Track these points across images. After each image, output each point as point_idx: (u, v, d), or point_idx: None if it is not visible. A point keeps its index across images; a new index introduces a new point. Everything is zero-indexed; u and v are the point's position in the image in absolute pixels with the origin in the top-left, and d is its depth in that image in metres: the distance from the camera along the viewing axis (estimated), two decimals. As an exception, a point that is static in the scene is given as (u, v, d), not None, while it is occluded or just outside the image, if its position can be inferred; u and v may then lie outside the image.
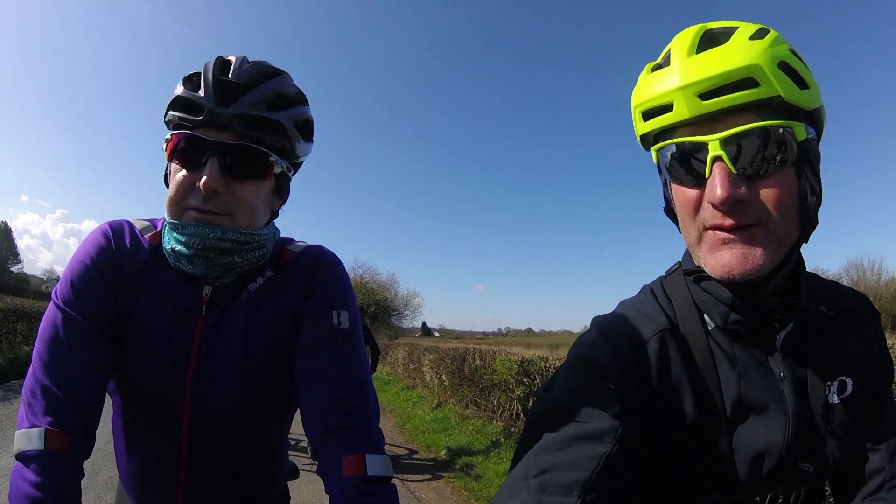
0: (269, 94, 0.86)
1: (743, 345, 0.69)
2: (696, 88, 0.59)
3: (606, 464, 0.56)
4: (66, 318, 0.81)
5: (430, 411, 8.58)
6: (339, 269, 0.98)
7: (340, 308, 0.92)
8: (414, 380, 12.34)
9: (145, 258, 0.88)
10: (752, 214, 0.60)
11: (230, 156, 0.82)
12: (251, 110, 0.83)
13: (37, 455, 0.71)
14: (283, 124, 0.87)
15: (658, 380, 0.67)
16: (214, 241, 0.83)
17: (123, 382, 0.89)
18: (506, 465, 5.13)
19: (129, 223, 0.93)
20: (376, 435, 0.84)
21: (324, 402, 0.83)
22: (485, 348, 11.85)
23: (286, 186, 0.97)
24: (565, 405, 0.63)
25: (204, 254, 0.83)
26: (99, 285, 0.84)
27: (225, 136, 0.82)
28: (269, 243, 0.93)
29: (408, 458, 5.99)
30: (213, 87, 0.82)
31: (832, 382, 0.69)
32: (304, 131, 0.94)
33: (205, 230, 0.82)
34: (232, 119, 0.81)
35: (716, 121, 0.61)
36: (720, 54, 0.60)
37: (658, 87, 0.63)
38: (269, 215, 0.94)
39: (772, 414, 0.67)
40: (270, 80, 0.88)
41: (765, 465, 0.66)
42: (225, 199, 0.83)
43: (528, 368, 6.94)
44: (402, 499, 4.16)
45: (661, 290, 0.77)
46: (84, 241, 0.90)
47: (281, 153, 0.89)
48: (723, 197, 0.58)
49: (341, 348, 0.88)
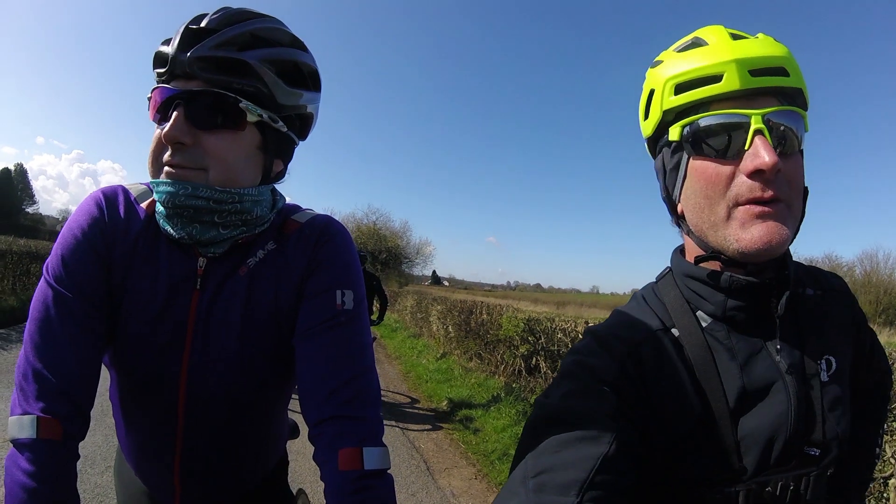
0: (238, 35, 0.78)
1: (741, 333, 0.71)
2: (749, 64, 0.64)
3: (604, 464, 0.57)
4: (57, 295, 0.77)
5: (435, 361, 8.73)
6: (345, 244, 0.90)
7: (344, 287, 0.86)
8: (420, 329, 12.54)
9: (140, 228, 0.83)
10: (783, 189, 0.64)
11: (194, 104, 0.76)
12: (212, 52, 0.75)
13: (30, 444, 0.70)
14: (251, 64, 0.77)
15: (655, 380, 0.69)
16: (185, 198, 0.76)
17: (118, 358, 0.85)
18: (505, 420, 5.21)
19: (125, 189, 0.86)
20: (376, 425, 0.80)
21: (322, 388, 0.79)
22: (492, 302, 11.91)
23: (281, 142, 0.86)
24: (562, 409, 0.65)
25: (178, 212, 0.78)
26: (91, 260, 0.80)
27: (191, 85, 0.76)
28: (259, 208, 0.84)
29: (409, 407, 6.11)
30: (180, 37, 0.76)
31: (822, 361, 0.72)
32: (292, 76, 0.83)
33: (174, 186, 0.76)
34: (193, 63, 0.75)
35: (749, 100, 0.65)
36: (759, 43, 0.66)
37: (705, 60, 0.66)
38: (258, 174, 0.84)
39: (774, 398, 0.68)
40: (245, 22, 0.79)
41: (773, 450, 0.67)
42: (194, 153, 0.77)
43: (533, 327, 6.92)
44: (402, 448, 4.25)
45: (653, 294, 0.79)
46: (76, 210, 0.84)
47: (256, 99, 0.79)
48: (774, 160, 0.61)
49: (343, 331, 0.83)
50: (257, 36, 0.80)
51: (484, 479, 4.04)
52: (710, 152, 0.67)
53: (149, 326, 0.81)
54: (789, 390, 0.68)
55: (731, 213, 0.66)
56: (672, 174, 0.74)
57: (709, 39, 0.68)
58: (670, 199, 0.76)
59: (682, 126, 0.69)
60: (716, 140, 0.66)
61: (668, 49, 0.74)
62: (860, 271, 34.13)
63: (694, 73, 0.66)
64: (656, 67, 0.73)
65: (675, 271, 0.78)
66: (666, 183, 0.76)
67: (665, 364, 0.70)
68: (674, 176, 0.73)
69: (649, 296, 0.79)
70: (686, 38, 0.72)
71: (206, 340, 0.82)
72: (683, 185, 0.72)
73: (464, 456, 4.51)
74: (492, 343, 7.70)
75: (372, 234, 38.34)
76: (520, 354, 6.76)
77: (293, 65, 0.83)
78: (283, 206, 0.92)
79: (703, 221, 0.69)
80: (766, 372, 0.69)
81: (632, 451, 0.61)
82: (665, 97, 0.70)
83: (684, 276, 0.75)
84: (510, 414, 5.35)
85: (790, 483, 0.68)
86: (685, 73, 0.67)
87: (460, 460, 4.39)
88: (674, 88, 0.69)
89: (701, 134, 0.67)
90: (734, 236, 0.65)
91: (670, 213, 0.78)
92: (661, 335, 0.72)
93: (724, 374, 0.69)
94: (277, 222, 0.89)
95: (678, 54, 0.71)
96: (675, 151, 0.72)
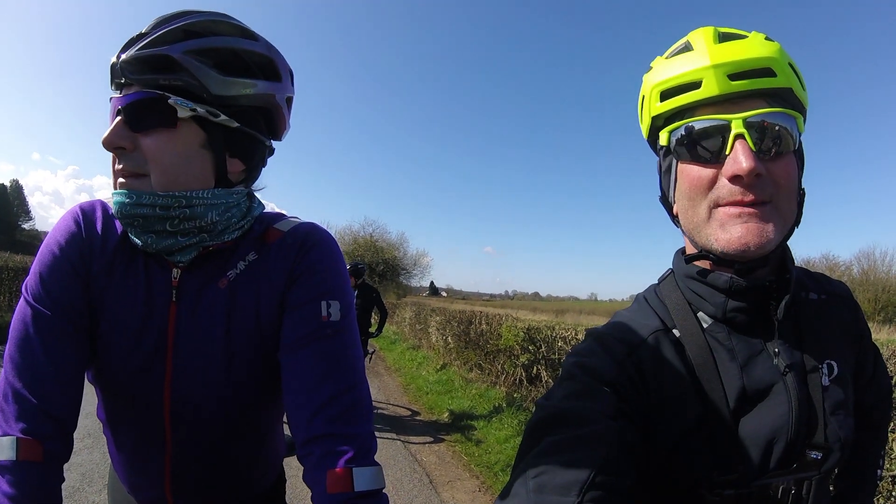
0: (167, 32, 0.75)
1: (741, 334, 0.71)
2: (727, 69, 0.64)
3: (605, 464, 0.57)
4: (36, 314, 0.75)
5: (435, 373, 8.67)
6: (330, 252, 0.86)
7: (330, 298, 0.81)
8: (420, 340, 12.47)
9: (117, 242, 0.81)
10: (766, 191, 0.64)
11: (130, 108, 0.74)
12: (138, 52, 0.74)
13: (10, 466, 0.68)
14: (174, 58, 0.74)
15: (655, 379, 0.69)
16: (130, 207, 0.74)
17: (101, 376, 0.83)
18: (507, 431, 5.16)
19: (103, 204, 0.84)
20: (367, 441, 0.76)
21: (309, 405, 0.75)
22: (491, 312, 11.86)
23: (234, 139, 0.80)
24: (563, 410, 0.65)
25: (129, 222, 0.77)
26: (69, 278, 0.77)
27: (126, 91, 0.76)
28: (216, 212, 0.79)
29: (410, 420, 6.06)
30: (122, 46, 0.76)
31: (823, 365, 0.72)
32: (230, 65, 0.78)
33: (120, 196, 0.75)
34: (124, 68, 0.74)
35: (733, 103, 0.65)
36: (744, 45, 0.66)
37: (685, 67, 0.67)
38: (208, 176, 0.79)
39: (775, 400, 0.68)
40: (177, 19, 0.77)
41: (774, 453, 0.67)
42: (136, 157, 0.76)
43: (534, 336, 6.89)
44: (403, 462, 4.21)
45: (654, 296, 0.79)
46: (55, 227, 0.82)
47: (186, 93, 0.75)
48: (750, 167, 0.62)
49: (330, 344, 0.79)
50: (189, 31, 0.77)
51: (487, 491, 3.99)
52: (695, 157, 0.68)
53: (129, 341, 0.79)
54: (790, 392, 0.68)
55: (712, 214, 0.67)
56: (666, 176, 0.75)
57: (695, 44, 0.69)
58: (667, 201, 0.77)
59: (669, 132, 0.70)
60: (700, 145, 0.67)
61: (658, 57, 0.75)
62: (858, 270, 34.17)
63: (675, 81, 0.68)
64: (648, 73, 0.75)
65: (677, 273, 0.78)
66: (662, 185, 0.77)
67: (665, 364, 0.70)
68: (667, 178, 0.75)
69: (651, 297, 0.79)
70: (679, 42, 0.73)
71: (188, 355, 0.80)
72: (675, 187, 0.73)
73: (466, 468, 4.46)
74: (492, 353, 7.66)
75: (369, 247, 38.28)
76: (520, 364, 6.72)
77: (230, 53, 0.78)
78: (263, 215, 0.88)
79: (689, 222, 0.71)
80: (766, 374, 0.69)
81: (632, 451, 0.61)
82: (652, 104, 0.72)
83: (685, 278, 0.75)
84: (512, 424, 5.31)
85: (791, 486, 0.67)
86: (668, 80, 0.68)
87: (463, 473, 4.35)
88: (659, 95, 0.70)
89: (686, 139, 0.68)
90: (714, 236, 0.67)
91: (668, 214, 0.79)
92: (662, 335, 0.72)
93: (724, 375, 0.69)
94: (259, 232, 0.86)
95: (665, 60, 0.72)
96: (665, 155, 0.74)
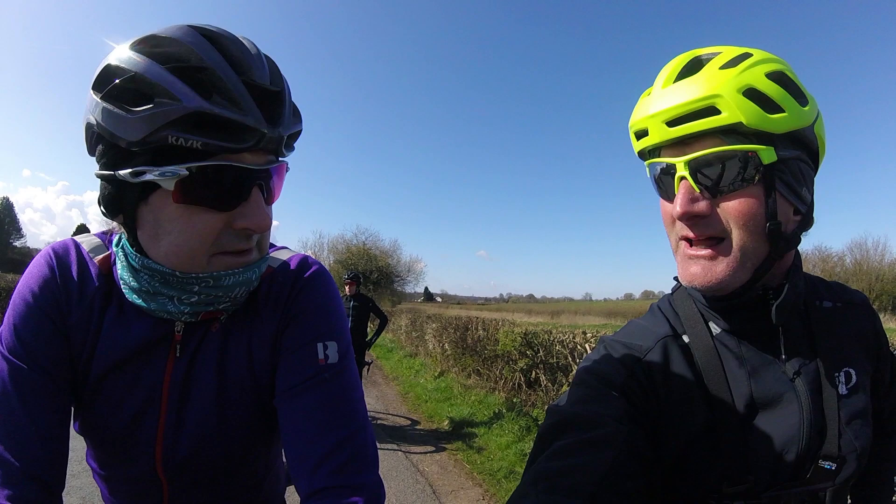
0: (290, 101, 0.72)
1: (751, 344, 0.71)
2: (664, 116, 0.65)
3: (615, 467, 0.57)
4: (13, 369, 0.69)
5: (433, 380, 8.64)
6: (324, 288, 0.81)
7: (326, 339, 0.77)
8: (416, 347, 12.43)
9: (94, 289, 0.74)
10: (715, 228, 0.65)
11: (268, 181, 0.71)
12: (294, 128, 0.71)
13: None
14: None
15: (664, 385, 0.70)
16: (255, 282, 0.74)
17: (87, 427, 0.79)
18: (509, 437, 5.15)
19: (76, 244, 0.77)
20: (375, 489, 0.71)
21: (311, 456, 0.70)
22: (487, 317, 11.85)
23: None
24: (573, 414, 0.65)
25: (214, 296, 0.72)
26: (46, 329, 0.71)
27: (260, 160, 0.69)
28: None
29: (410, 429, 6.02)
30: (255, 100, 0.63)
31: (839, 373, 0.72)
32: None
33: (248, 275, 0.72)
34: (280, 142, 0.68)
35: (686, 144, 0.66)
36: (690, 84, 0.65)
37: (640, 113, 0.69)
38: None
39: (786, 408, 0.68)
40: (284, 80, 0.71)
41: (785, 463, 0.66)
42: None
43: (531, 341, 6.89)
44: (405, 472, 4.16)
45: (668, 305, 0.81)
46: (26, 272, 0.75)
47: None
48: (679, 212, 0.66)
49: (329, 388, 0.74)
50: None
51: (491, 499, 3.97)
52: (662, 193, 0.72)
53: (119, 393, 0.75)
54: (801, 402, 0.68)
55: (679, 246, 0.71)
56: None
57: (655, 83, 0.70)
58: None
59: (647, 166, 0.74)
60: (662, 183, 0.71)
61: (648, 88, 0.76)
62: (850, 260, 34.39)
63: (637, 126, 0.71)
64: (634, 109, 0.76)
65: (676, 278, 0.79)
66: None
67: (673, 369, 0.71)
68: None
69: (664, 305, 0.81)
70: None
71: (182, 405, 0.76)
72: None
73: (469, 476, 4.43)
74: (490, 359, 7.65)
75: (363, 255, 38.13)
76: (519, 369, 6.71)
77: None
78: None
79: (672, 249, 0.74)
80: (776, 382, 0.69)
81: (641, 454, 0.62)
82: (633, 140, 0.74)
83: (692, 289, 0.75)
84: (513, 430, 5.29)
85: (804, 498, 0.67)
86: (634, 124, 0.72)
87: (466, 481, 4.32)
88: (634, 135, 0.73)
89: (652, 177, 0.73)
90: (679, 269, 0.71)
91: None
92: (671, 341, 0.73)
93: (732, 381, 0.69)
94: None
95: (641, 100, 0.72)
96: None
